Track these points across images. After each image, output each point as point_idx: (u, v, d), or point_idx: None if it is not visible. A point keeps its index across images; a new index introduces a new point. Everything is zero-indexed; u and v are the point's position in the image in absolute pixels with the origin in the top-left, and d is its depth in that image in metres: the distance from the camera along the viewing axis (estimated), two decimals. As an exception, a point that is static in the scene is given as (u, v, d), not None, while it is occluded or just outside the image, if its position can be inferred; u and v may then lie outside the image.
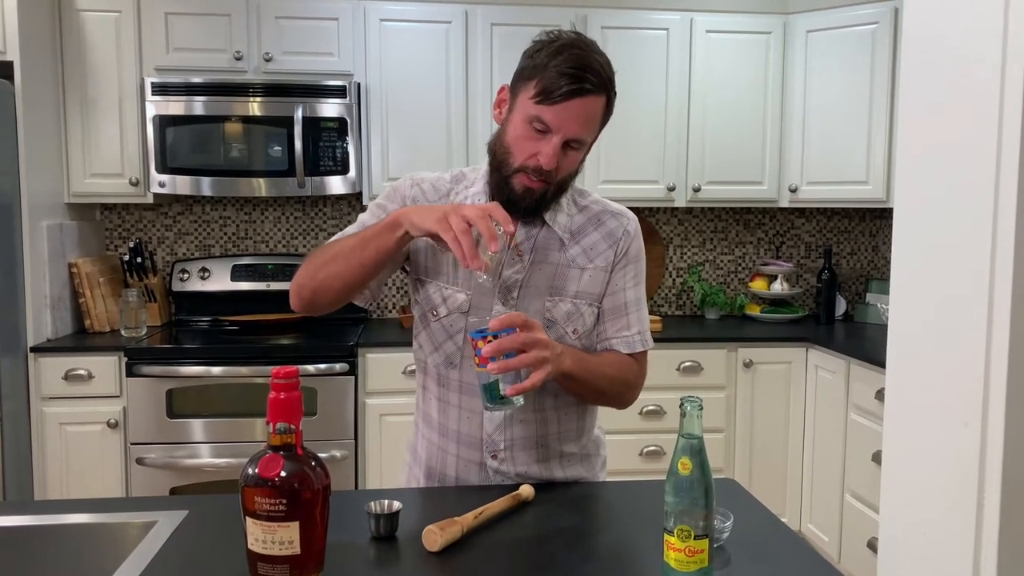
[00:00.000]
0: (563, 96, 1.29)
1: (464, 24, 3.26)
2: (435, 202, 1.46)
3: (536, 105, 1.31)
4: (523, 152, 1.35)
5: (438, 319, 1.45)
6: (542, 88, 1.30)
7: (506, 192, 1.38)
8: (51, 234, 3.06)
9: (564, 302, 1.44)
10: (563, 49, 1.31)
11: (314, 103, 3.16)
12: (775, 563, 1.19)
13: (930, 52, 0.81)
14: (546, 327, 1.40)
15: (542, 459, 1.49)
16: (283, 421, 1.01)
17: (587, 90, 1.31)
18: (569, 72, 1.29)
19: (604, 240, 1.47)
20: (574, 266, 1.45)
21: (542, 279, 1.43)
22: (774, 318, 3.60)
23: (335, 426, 3.00)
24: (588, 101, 1.32)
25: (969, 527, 0.73)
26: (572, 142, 1.35)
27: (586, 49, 1.32)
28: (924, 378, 0.81)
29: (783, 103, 3.44)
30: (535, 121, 1.32)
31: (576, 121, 1.32)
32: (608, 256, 1.47)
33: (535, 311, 1.42)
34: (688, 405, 1.03)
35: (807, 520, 3.25)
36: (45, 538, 1.30)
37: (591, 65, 1.31)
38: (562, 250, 1.45)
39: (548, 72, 1.30)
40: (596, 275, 1.46)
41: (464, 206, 1.25)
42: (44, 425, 2.95)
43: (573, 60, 1.30)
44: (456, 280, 1.43)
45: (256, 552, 1.00)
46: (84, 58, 3.14)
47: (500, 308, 1.42)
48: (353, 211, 3.64)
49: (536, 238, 1.44)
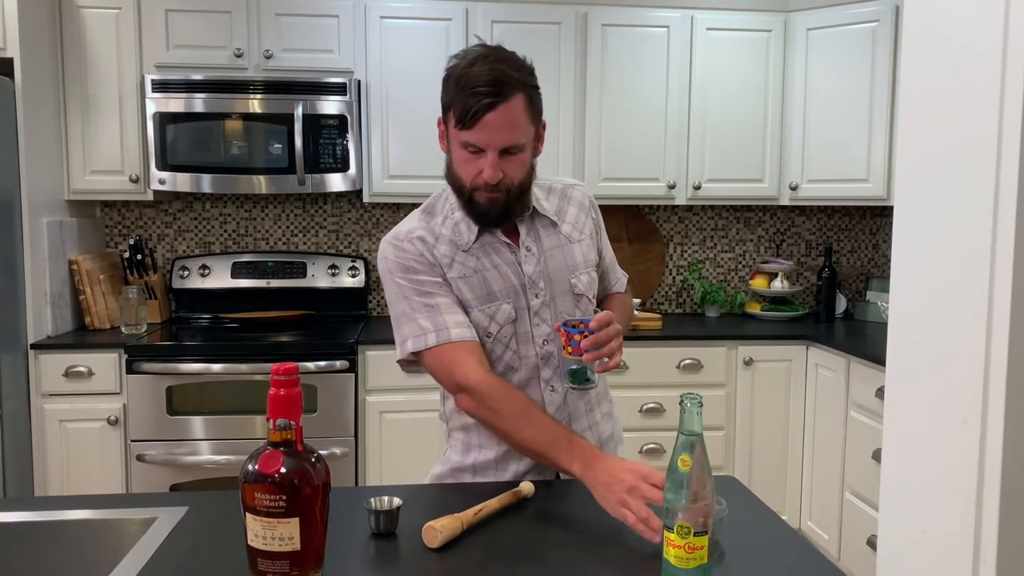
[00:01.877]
0: (479, 115, 1.36)
1: (464, 21, 3.26)
2: (435, 245, 1.51)
3: (461, 131, 1.40)
4: (469, 173, 1.44)
5: (494, 337, 1.52)
6: (459, 115, 1.38)
7: (475, 210, 1.48)
8: (51, 231, 3.06)
9: (583, 273, 1.58)
10: (468, 69, 1.38)
11: (314, 100, 3.16)
12: (775, 561, 1.19)
13: (931, 50, 0.80)
14: (576, 302, 1.56)
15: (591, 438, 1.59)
16: (283, 417, 1.01)
17: (499, 102, 1.36)
18: (479, 90, 1.36)
19: (580, 211, 1.62)
20: (572, 241, 1.58)
21: (557, 262, 1.55)
22: (774, 316, 3.60)
23: (335, 423, 3.00)
24: (505, 109, 1.37)
25: (969, 524, 0.73)
26: (509, 148, 1.41)
27: (491, 59, 1.38)
28: (924, 375, 0.81)
29: (784, 101, 3.44)
30: (467, 146, 1.41)
31: (501, 131, 1.39)
32: (588, 225, 1.63)
33: (564, 291, 1.55)
34: (688, 402, 1.03)
35: (807, 518, 3.25)
36: (45, 534, 1.30)
37: (497, 76, 1.37)
38: (557, 231, 1.57)
39: (460, 97, 1.38)
40: (589, 243, 1.61)
41: (640, 495, 1.22)
42: (44, 422, 2.95)
43: (477, 79, 1.36)
44: (491, 296, 1.51)
45: (256, 548, 1.00)
46: (84, 55, 3.14)
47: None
48: (353, 208, 3.64)
49: (535, 228, 1.55)
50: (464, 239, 1.51)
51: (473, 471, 1.56)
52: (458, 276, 1.51)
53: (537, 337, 1.52)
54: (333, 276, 3.52)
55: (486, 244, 1.52)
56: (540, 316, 1.52)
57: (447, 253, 1.51)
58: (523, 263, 1.52)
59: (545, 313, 1.53)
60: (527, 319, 1.52)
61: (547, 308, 1.53)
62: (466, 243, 1.51)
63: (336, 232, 3.65)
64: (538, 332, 1.52)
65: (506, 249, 1.52)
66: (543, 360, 1.53)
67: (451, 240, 1.51)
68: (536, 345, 1.52)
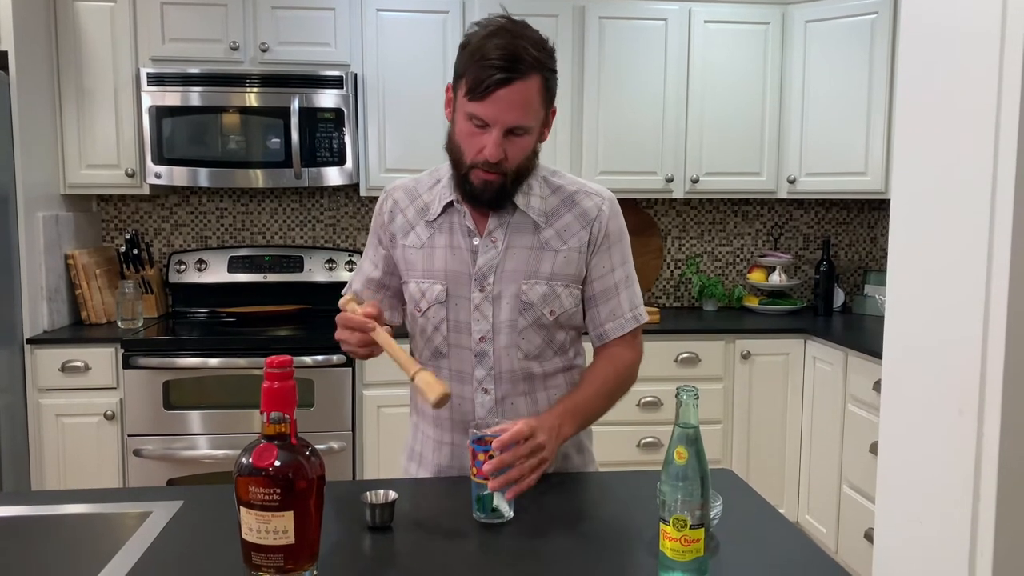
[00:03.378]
0: (491, 88, 1.30)
1: (461, 14, 3.25)
2: (408, 207, 1.52)
3: (469, 102, 1.33)
4: (471, 148, 1.37)
5: (423, 314, 1.49)
6: (471, 84, 1.32)
7: (467, 188, 1.41)
8: (47, 225, 3.05)
9: (540, 284, 1.45)
10: (487, 40, 1.31)
11: (311, 94, 3.15)
12: (772, 554, 1.19)
13: (929, 42, 0.80)
14: (523, 310, 1.45)
15: None
16: (277, 410, 1.00)
17: (515, 78, 1.30)
18: (494, 63, 1.29)
19: (577, 221, 1.48)
20: (548, 248, 1.46)
21: (517, 263, 1.45)
22: (772, 310, 3.60)
23: (332, 417, 3.00)
24: (519, 87, 1.32)
25: (965, 516, 0.73)
26: (515, 128, 1.35)
27: (512, 34, 1.32)
28: (920, 367, 0.81)
29: (782, 94, 3.43)
30: (473, 118, 1.34)
31: (511, 110, 1.33)
32: (582, 237, 1.48)
33: (512, 295, 1.45)
34: (684, 394, 1.03)
35: (804, 511, 3.26)
36: (41, 528, 1.30)
37: (516, 52, 1.30)
38: (536, 232, 1.46)
39: (474, 67, 1.31)
40: (570, 256, 1.47)
41: (339, 331, 1.38)
42: (41, 417, 2.94)
43: (497, 50, 1.30)
44: (432, 272, 1.47)
45: (250, 542, 1.00)
46: (79, 48, 3.12)
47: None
48: (350, 202, 3.63)
49: (509, 223, 1.46)
50: (431, 210, 1.48)
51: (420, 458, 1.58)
52: (409, 244, 1.49)
53: (475, 332, 1.46)
54: (330, 270, 3.52)
55: (450, 221, 1.47)
56: (481, 311, 1.45)
57: (411, 220, 1.50)
58: (479, 252, 1.45)
59: (487, 309, 1.45)
60: (467, 309, 1.45)
61: (489, 305, 1.45)
62: (431, 214, 1.48)
63: (333, 226, 3.65)
64: (477, 327, 1.45)
65: (466, 233, 1.46)
66: (478, 358, 1.46)
67: (425, 206, 1.50)
68: (473, 340, 1.46)
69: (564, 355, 1.53)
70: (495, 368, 1.47)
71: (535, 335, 1.47)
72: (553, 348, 1.50)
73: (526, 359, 1.48)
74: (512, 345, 1.46)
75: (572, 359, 1.56)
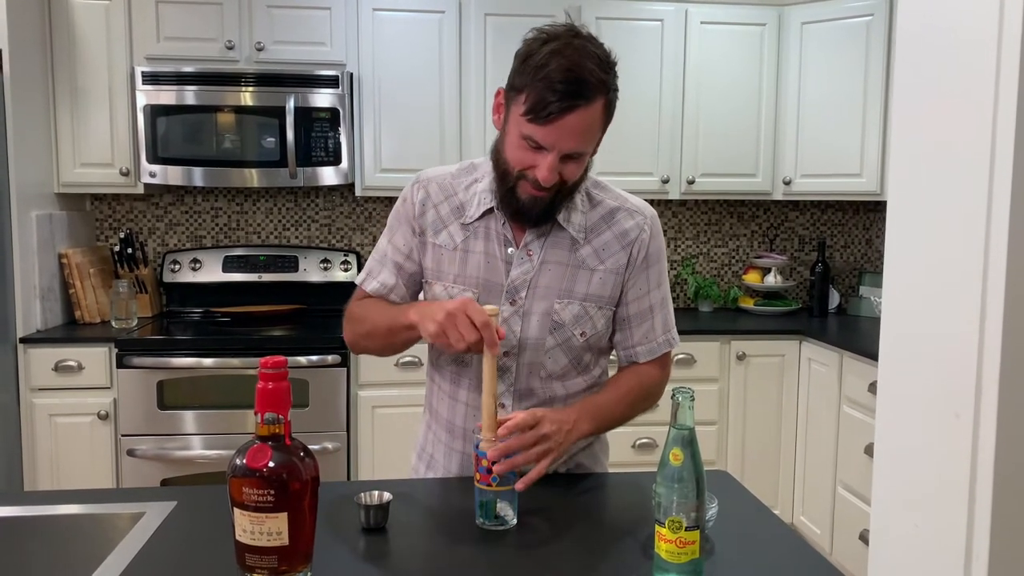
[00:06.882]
0: (553, 116, 1.23)
1: (458, 14, 3.24)
2: (442, 203, 1.44)
3: (527, 123, 1.25)
4: (521, 164, 1.31)
5: None
6: (531, 105, 1.23)
7: (513, 203, 1.34)
8: (41, 224, 3.04)
9: (573, 304, 1.41)
10: (552, 57, 1.22)
11: (306, 93, 3.14)
12: (767, 555, 1.19)
13: (925, 43, 0.80)
14: (553, 329, 1.41)
15: None
16: (271, 411, 1.00)
17: (577, 105, 1.23)
18: (558, 88, 1.21)
19: (617, 241, 1.42)
20: (584, 267, 1.41)
21: (552, 280, 1.40)
22: (767, 311, 3.60)
23: (327, 418, 2.99)
24: (582, 113, 1.24)
25: (961, 519, 0.73)
26: (572, 154, 1.29)
27: (579, 52, 1.23)
28: (916, 369, 0.80)
29: (777, 95, 3.43)
30: (528, 139, 1.27)
31: (571, 137, 1.26)
32: (621, 259, 1.42)
33: (543, 312, 1.40)
34: (680, 396, 1.02)
35: (799, 512, 3.26)
36: (33, 529, 1.29)
37: (582, 74, 1.22)
38: (573, 250, 1.41)
39: (536, 86, 1.22)
40: (607, 278, 1.42)
41: (456, 317, 1.25)
42: (34, 417, 2.93)
43: (562, 72, 1.21)
44: (464, 278, 1.42)
45: (244, 543, 1.00)
46: (74, 47, 3.11)
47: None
48: (345, 202, 3.62)
49: (547, 237, 1.40)
50: (468, 212, 1.42)
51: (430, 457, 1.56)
52: (441, 244, 1.42)
53: (501, 344, 1.39)
54: (325, 270, 3.51)
55: (486, 227, 1.41)
56: (509, 325, 1.40)
57: (444, 217, 1.43)
58: (514, 264, 1.40)
59: (515, 324, 1.40)
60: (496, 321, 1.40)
61: (519, 319, 1.40)
62: (468, 216, 1.41)
63: (328, 226, 3.64)
64: (503, 341, 1.38)
65: (502, 241, 1.40)
66: (500, 372, 1.39)
67: (460, 205, 1.43)
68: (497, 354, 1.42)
69: (588, 374, 1.49)
70: (515, 384, 1.43)
71: (562, 355, 1.43)
72: (578, 369, 1.46)
73: (549, 379, 1.44)
74: (536, 363, 1.42)
75: (597, 377, 1.52)
